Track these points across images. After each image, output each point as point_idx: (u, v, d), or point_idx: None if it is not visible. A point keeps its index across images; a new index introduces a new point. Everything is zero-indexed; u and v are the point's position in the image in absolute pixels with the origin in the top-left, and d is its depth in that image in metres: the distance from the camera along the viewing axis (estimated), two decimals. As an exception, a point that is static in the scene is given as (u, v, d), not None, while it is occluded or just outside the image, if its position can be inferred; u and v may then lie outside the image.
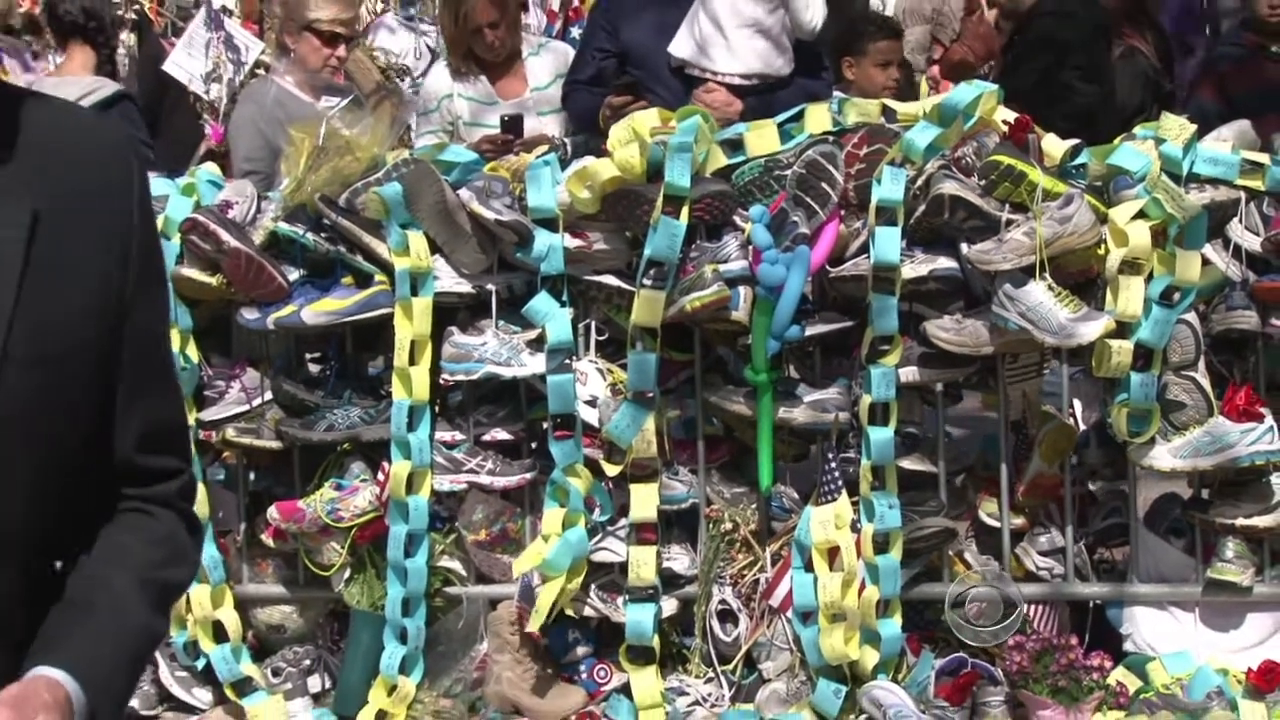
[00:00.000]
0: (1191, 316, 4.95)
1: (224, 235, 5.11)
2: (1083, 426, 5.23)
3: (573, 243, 5.07)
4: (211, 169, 5.65)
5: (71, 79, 6.71)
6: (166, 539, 1.98)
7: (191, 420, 5.15)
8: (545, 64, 6.86)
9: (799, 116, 5.18)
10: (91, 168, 1.89)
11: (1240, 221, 5.02)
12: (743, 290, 4.95)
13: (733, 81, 6.22)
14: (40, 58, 9.54)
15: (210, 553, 5.18)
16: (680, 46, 6.29)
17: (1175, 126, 5.08)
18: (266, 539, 5.27)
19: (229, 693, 5.20)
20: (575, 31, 11.60)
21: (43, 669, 1.80)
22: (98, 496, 1.94)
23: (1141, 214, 4.84)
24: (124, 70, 8.26)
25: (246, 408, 5.27)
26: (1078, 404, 5.23)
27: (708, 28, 6.23)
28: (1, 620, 1.83)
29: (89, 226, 1.86)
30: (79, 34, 6.88)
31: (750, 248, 4.94)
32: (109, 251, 1.88)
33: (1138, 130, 5.19)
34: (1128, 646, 5.13)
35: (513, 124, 6.46)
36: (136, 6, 9.24)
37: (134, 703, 5.03)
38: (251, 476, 5.45)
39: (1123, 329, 4.85)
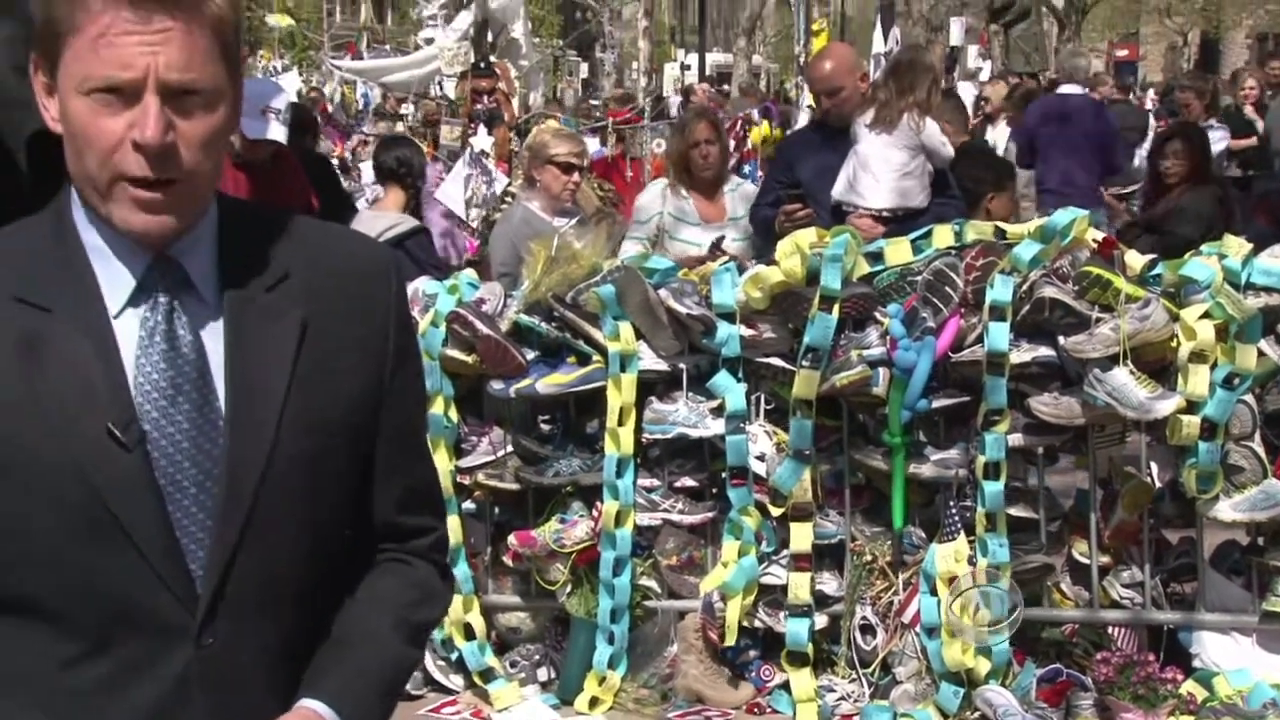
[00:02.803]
0: (1249, 398, 4.83)
1: (479, 325, 5.19)
2: (1159, 484, 5.10)
3: (747, 332, 5.08)
4: (471, 274, 5.76)
5: (383, 214, 6.85)
6: (420, 584, 1.92)
7: (451, 467, 5.23)
8: (739, 200, 6.99)
9: (928, 234, 5.17)
10: (354, 281, 1.84)
11: (1289, 322, 4.91)
12: (882, 371, 4.92)
13: (880, 215, 6.20)
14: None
15: (462, 570, 5.24)
16: (839, 188, 6.31)
17: (1235, 245, 5.02)
18: (507, 560, 5.32)
19: (476, 679, 5.24)
20: (746, 168, 11.71)
21: (306, 701, 1.76)
22: (360, 550, 1.88)
23: (1207, 314, 4.76)
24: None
25: (493, 457, 5.33)
26: (1154, 466, 5.10)
27: (860, 170, 6.24)
28: (282, 656, 1.79)
29: (350, 333, 1.81)
30: (394, 178, 7.03)
31: (888, 337, 4.92)
32: (367, 352, 1.83)
33: (1204, 248, 5.11)
34: (1196, 664, 5.00)
35: (718, 244, 6.63)
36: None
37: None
38: (496, 511, 5.49)
39: (1192, 407, 4.76)
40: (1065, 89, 11.08)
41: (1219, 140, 10.82)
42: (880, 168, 6.22)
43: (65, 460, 1.66)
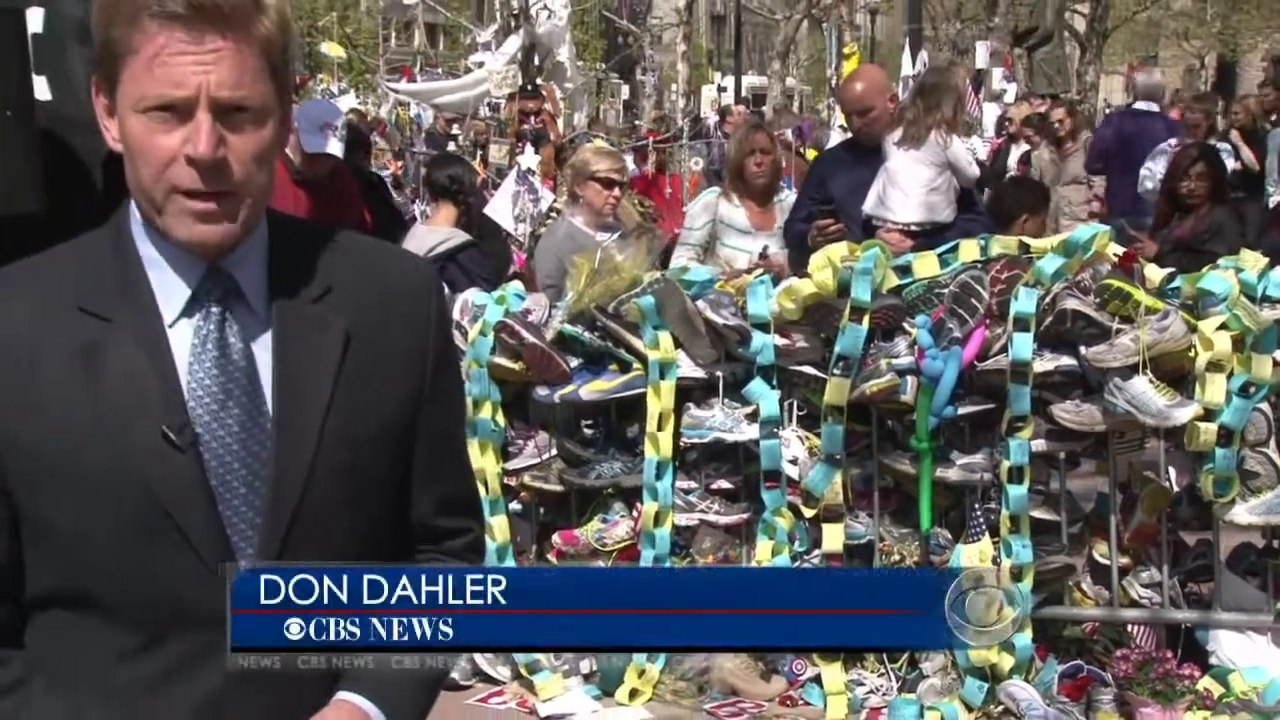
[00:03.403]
0: (1265, 405, 4.80)
1: (525, 334, 5.21)
2: (1176, 488, 5.06)
3: (781, 341, 5.07)
4: (517, 285, 5.77)
5: (435, 229, 6.85)
6: None
7: (499, 469, 5.24)
8: (786, 211, 6.94)
9: (955, 248, 5.14)
10: (396, 294, 1.84)
11: (1304, 331, 4.86)
12: (910, 379, 4.90)
13: (908, 229, 6.17)
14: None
15: (510, 567, 5.25)
16: (869, 203, 6.29)
17: (1251, 259, 4.98)
18: (551, 557, 5.32)
19: (522, 671, 5.24)
20: (781, 182, 11.71)
21: (345, 695, 1.75)
22: (400, 550, 1.87)
23: (1224, 326, 4.72)
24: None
25: (538, 460, 5.34)
26: (1172, 471, 5.06)
27: (891, 186, 6.22)
28: None
29: (393, 344, 1.81)
30: (446, 195, 7.02)
31: (916, 347, 4.90)
32: (408, 363, 1.83)
33: (1221, 262, 5.07)
34: (1213, 661, 4.95)
35: (764, 252, 6.68)
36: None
37: (454, 675, 5.10)
38: (541, 511, 5.50)
39: (1209, 414, 4.71)
40: (1141, 105, 11.51)
41: (1226, 160, 10.69)
42: (908, 183, 6.20)
43: (122, 463, 1.67)
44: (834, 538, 5.04)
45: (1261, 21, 39.69)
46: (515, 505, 5.47)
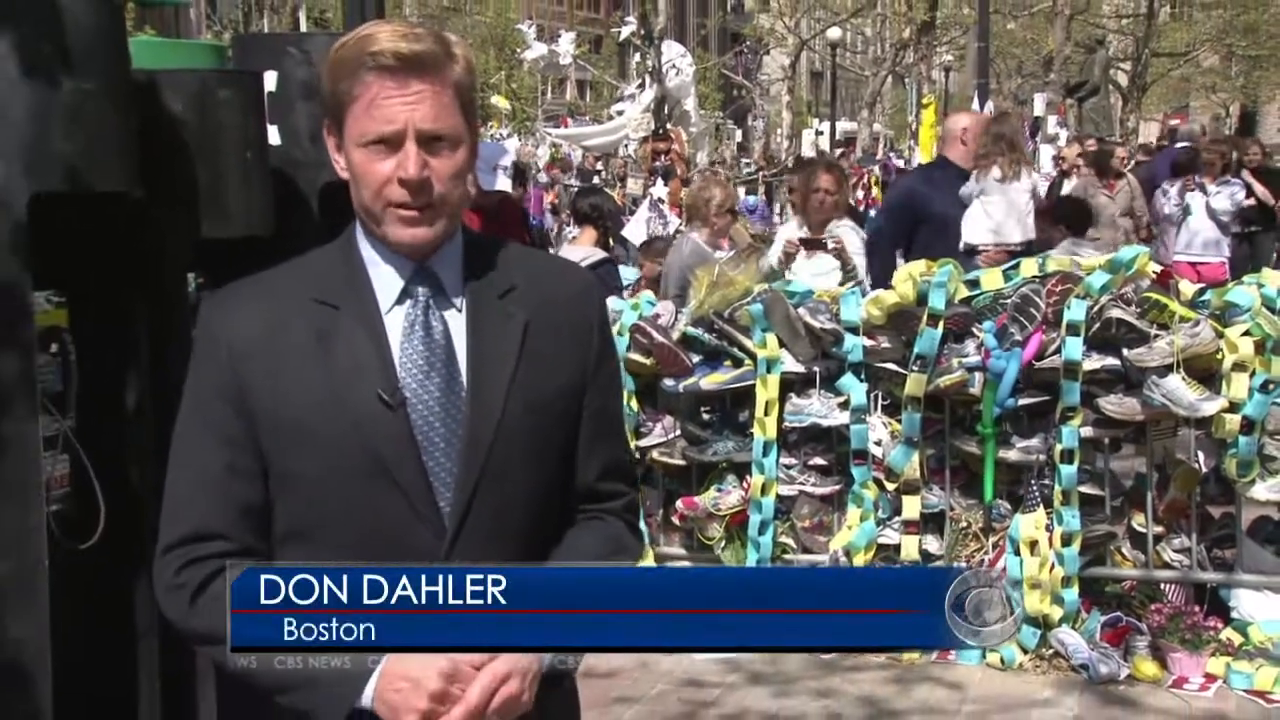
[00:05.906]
0: (1283, 400, 4.63)
1: (655, 335, 5.22)
2: (1204, 469, 4.90)
3: (868, 342, 5.01)
4: (649, 294, 5.78)
5: (579, 249, 6.89)
6: (615, 537, 1.88)
7: (631, 446, 5.25)
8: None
9: (1017, 265, 5.05)
10: (566, 297, 1.85)
11: (1319, 338, 4.68)
12: (977, 375, 4.83)
13: (1015, 250, 6.01)
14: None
15: (640, 527, 5.25)
16: (977, 235, 6.10)
17: (1273, 276, 4.84)
18: (675, 520, 5.33)
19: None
20: (871, 212, 11.50)
21: None
22: (568, 508, 1.86)
23: (1247, 332, 4.59)
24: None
25: (665, 439, 5.34)
26: (1201, 454, 4.90)
27: (999, 214, 6.05)
28: None
29: (563, 334, 1.82)
30: (587, 220, 7.06)
31: (983, 348, 4.82)
32: (575, 350, 1.83)
33: (1245, 278, 4.92)
34: (1234, 615, 4.80)
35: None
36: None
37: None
38: (666, 481, 5.50)
39: (1234, 407, 4.58)
40: (1180, 145, 12.17)
41: (1237, 195, 10.18)
42: (1017, 211, 6.11)
43: (349, 421, 1.72)
44: (911, 507, 4.97)
45: (1279, 76, 38.25)
46: (645, 476, 5.48)
